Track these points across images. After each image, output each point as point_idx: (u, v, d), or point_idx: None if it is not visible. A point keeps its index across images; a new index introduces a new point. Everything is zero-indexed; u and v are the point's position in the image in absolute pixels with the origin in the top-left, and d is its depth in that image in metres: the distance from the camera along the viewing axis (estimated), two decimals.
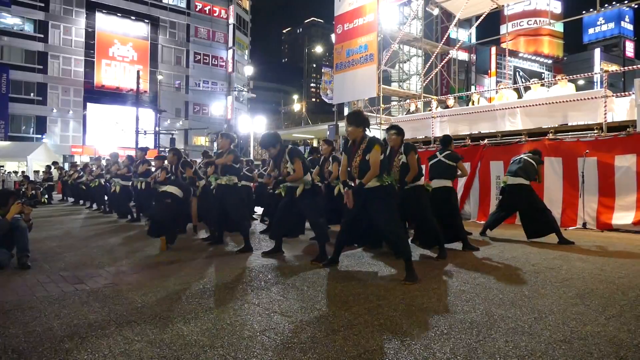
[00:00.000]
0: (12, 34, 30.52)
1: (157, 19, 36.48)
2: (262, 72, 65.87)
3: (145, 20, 35.86)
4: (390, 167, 4.94)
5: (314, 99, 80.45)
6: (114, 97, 33.92)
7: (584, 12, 31.30)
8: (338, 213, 5.71)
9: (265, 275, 4.18)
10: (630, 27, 50.70)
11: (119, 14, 34.46)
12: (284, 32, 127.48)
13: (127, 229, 7.82)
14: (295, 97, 58.32)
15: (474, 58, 37.02)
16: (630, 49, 49.35)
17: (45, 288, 3.71)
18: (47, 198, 15.44)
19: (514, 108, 9.43)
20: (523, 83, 14.82)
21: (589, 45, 51.02)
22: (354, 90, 14.24)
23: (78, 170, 14.44)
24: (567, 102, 8.51)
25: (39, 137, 30.96)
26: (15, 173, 19.89)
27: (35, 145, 25.24)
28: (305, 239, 6.25)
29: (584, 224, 7.56)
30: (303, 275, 4.15)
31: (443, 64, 16.34)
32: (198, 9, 38.92)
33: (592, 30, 51.04)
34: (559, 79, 9.61)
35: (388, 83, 22.27)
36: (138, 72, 28.88)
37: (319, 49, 70.75)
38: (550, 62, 44.96)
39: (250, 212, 9.83)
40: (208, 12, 39.47)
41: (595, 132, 7.89)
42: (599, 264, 4.68)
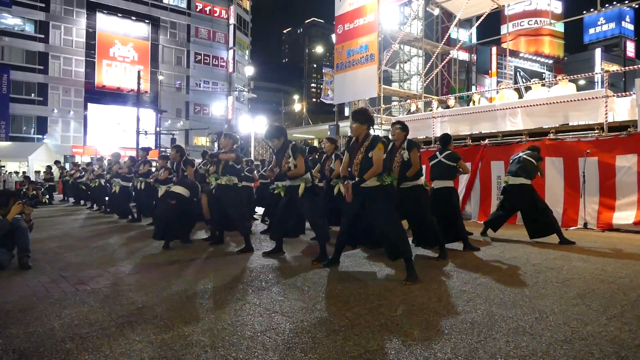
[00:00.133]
0: (12, 35, 30.54)
1: (157, 20, 36.50)
2: (262, 72, 65.97)
3: (146, 21, 35.89)
4: (391, 162, 4.93)
5: (315, 99, 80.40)
6: (115, 97, 33.95)
7: (585, 12, 31.25)
8: (338, 213, 5.69)
9: (266, 276, 4.18)
10: (631, 27, 50.68)
11: (120, 15, 34.48)
12: (285, 32, 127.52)
13: (127, 229, 7.83)
14: (296, 97, 58.34)
15: (475, 58, 37.05)
16: (631, 49, 49.31)
17: (46, 288, 3.71)
18: (48, 198, 15.44)
19: (515, 108, 9.42)
20: (524, 83, 14.80)
21: (590, 45, 51.00)
22: (355, 91, 14.25)
23: (80, 170, 14.44)
24: (568, 102, 8.51)
25: (40, 137, 30.98)
26: (16, 173, 19.90)
27: (36, 146, 25.24)
28: (306, 240, 6.25)
29: (585, 224, 7.56)
30: (304, 276, 4.15)
31: (444, 64, 16.33)
32: (198, 9, 38.94)
33: (592, 30, 51.01)
34: (560, 79, 9.61)
35: (389, 83, 22.30)
36: (139, 72, 28.88)
37: (320, 49, 70.80)
38: (551, 62, 44.99)
39: (251, 212, 9.83)
40: (208, 12, 39.49)
41: (596, 132, 7.88)
42: (600, 264, 4.68)
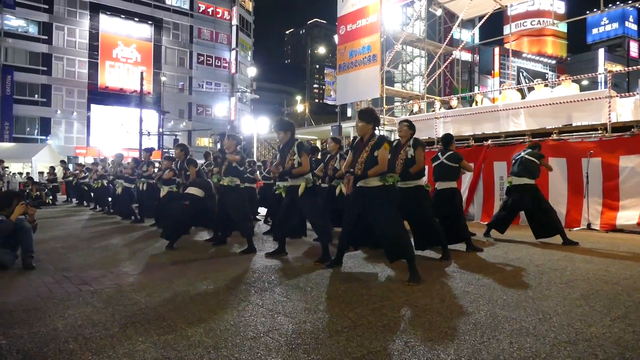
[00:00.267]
0: (16, 36, 30.67)
1: (160, 21, 36.60)
2: (265, 73, 65.91)
3: (149, 22, 35.98)
4: (395, 160, 4.92)
5: (317, 100, 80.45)
6: (118, 98, 34.04)
7: (588, 12, 31.17)
8: (339, 214, 5.68)
9: (269, 276, 4.18)
10: (635, 27, 50.45)
11: (123, 16, 34.58)
12: (287, 33, 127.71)
13: (130, 230, 7.84)
14: (298, 98, 58.29)
15: (477, 58, 37.03)
16: (635, 49, 49.05)
17: (50, 289, 3.73)
18: (51, 199, 15.50)
19: (518, 108, 9.40)
20: (527, 83, 14.76)
21: (593, 46, 50.82)
22: (357, 91, 14.25)
23: (84, 170, 14.48)
24: (571, 102, 8.48)
25: (44, 138, 31.08)
26: (20, 174, 19.93)
27: (40, 147, 25.33)
28: (309, 241, 6.25)
29: (589, 225, 7.53)
30: (306, 277, 4.14)
31: (446, 65, 16.32)
32: (201, 11, 39.02)
33: (596, 31, 50.81)
34: (563, 79, 9.58)
35: (391, 84, 22.27)
36: (142, 73, 28.98)
37: (322, 50, 70.64)
38: (554, 62, 44.87)
39: (254, 213, 9.84)
40: (211, 13, 39.57)
41: (600, 132, 7.86)
42: (604, 265, 4.66)
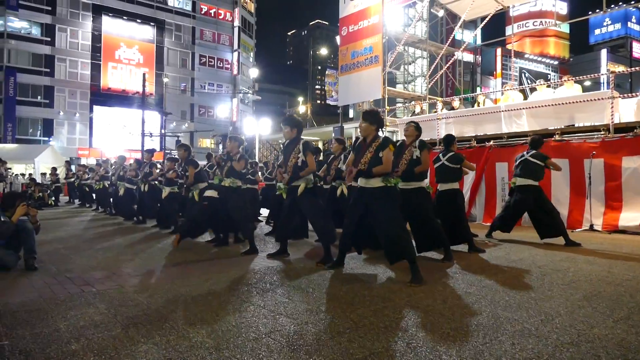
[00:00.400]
0: (19, 38, 30.82)
1: (162, 22, 36.70)
2: (267, 74, 65.95)
3: (151, 23, 36.09)
4: (399, 161, 4.92)
5: (319, 101, 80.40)
6: (120, 99, 34.15)
7: (590, 12, 31.19)
8: (341, 215, 5.67)
9: (271, 277, 4.18)
10: (637, 27, 50.28)
11: (125, 17, 34.71)
12: (289, 34, 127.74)
13: (132, 231, 7.86)
14: (300, 99, 58.26)
15: (479, 59, 36.96)
16: (637, 50, 48.88)
17: (52, 289, 3.73)
18: (54, 200, 15.53)
19: (520, 109, 9.39)
20: (529, 84, 14.73)
21: (596, 46, 50.68)
22: (359, 92, 14.26)
23: (87, 172, 14.53)
24: (573, 103, 8.46)
25: (46, 139, 31.23)
26: (23, 175, 20.00)
27: (42, 148, 25.44)
28: (311, 242, 6.24)
29: (591, 226, 7.51)
30: (308, 277, 4.14)
31: (448, 66, 16.33)
32: (203, 12, 39.12)
33: (598, 31, 50.69)
34: (565, 80, 9.56)
35: (393, 85, 22.28)
36: (144, 74, 29.06)
37: (324, 51, 70.65)
38: (556, 63, 44.74)
39: (256, 214, 9.84)
40: (213, 14, 39.66)
41: (602, 133, 7.83)
42: (607, 266, 4.64)
